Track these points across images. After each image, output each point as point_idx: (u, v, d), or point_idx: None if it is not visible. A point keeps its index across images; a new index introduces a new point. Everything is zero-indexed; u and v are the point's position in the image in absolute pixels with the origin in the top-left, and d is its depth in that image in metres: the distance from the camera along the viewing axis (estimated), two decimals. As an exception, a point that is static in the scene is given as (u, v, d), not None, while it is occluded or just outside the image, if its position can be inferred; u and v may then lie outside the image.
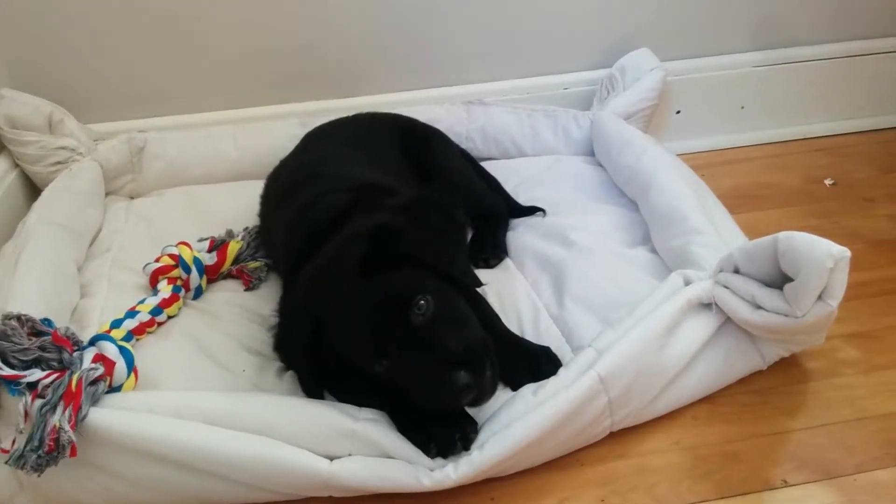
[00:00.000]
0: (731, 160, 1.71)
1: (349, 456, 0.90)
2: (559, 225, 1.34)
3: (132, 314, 1.14)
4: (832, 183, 1.59)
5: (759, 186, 1.60)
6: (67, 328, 0.98)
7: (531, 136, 1.61)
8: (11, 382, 0.88)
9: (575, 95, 1.69)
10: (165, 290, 1.20)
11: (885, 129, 1.79)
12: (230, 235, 1.31)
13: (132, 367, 0.99)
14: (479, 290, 1.15)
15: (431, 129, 1.46)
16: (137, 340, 1.12)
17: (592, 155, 1.58)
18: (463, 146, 1.55)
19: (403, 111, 1.50)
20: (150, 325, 1.15)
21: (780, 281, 0.98)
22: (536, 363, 1.04)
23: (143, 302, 1.17)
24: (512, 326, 1.13)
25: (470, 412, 0.95)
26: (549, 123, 1.62)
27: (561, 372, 0.98)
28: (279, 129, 1.55)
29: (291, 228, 1.13)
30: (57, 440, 0.85)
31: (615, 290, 1.17)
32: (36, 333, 0.94)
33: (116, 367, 0.97)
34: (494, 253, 1.30)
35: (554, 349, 1.07)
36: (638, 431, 1.02)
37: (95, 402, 0.91)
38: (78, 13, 1.49)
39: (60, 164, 1.47)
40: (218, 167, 1.55)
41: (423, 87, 1.66)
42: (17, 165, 1.48)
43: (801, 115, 1.76)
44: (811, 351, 1.12)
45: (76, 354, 0.94)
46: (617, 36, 1.65)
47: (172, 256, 1.22)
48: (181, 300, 1.21)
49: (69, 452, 0.85)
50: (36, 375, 0.90)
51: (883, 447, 0.99)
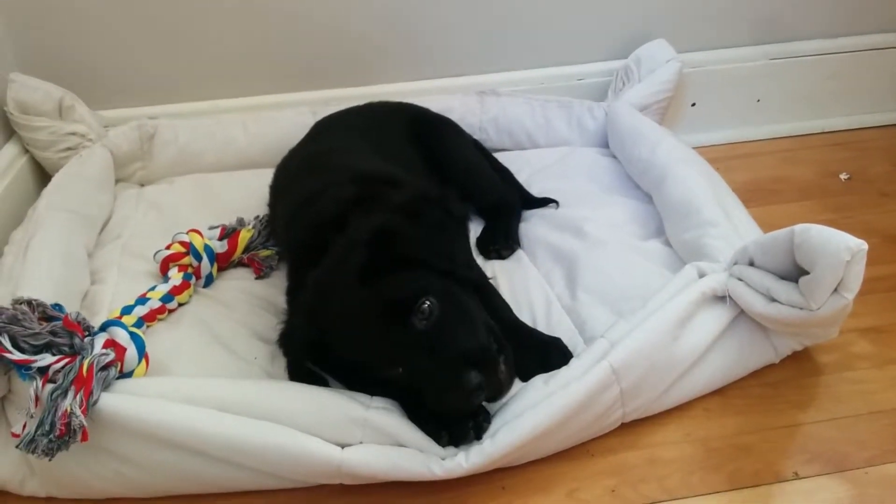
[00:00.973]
0: (746, 154, 1.70)
1: (360, 444, 0.90)
2: (572, 216, 1.34)
3: (143, 301, 1.14)
4: (847, 177, 1.58)
5: (774, 180, 1.59)
6: (78, 313, 0.98)
7: (545, 127, 1.60)
8: (22, 367, 0.88)
9: (590, 86, 1.68)
10: (176, 277, 1.20)
11: (902, 123, 1.77)
12: (241, 224, 1.31)
13: (143, 353, 0.99)
14: (490, 281, 1.15)
15: (443, 118, 1.45)
16: (148, 327, 1.13)
17: (606, 146, 1.57)
18: (476, 137, 1.55)
19: (416, 101, 1.49)
20: (160, 312, 1.15)
21: (795, 274, 0.97)
22: (547, 354, 1.03)
23: (153, 289, 1.17)
24: (524, 317, 1.13)
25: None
26: (562, 114, 1.61)
27: (573, 362, 0.98)
28: (290, 117, 1.55)
29: (294, 221, 1.12)
30: (68, 424, 0.85)
31: (628, 282, 1.16)
32: (47, 318, 0.94)
33: (127, 353, 0.97)
34: (507, 244, 1.29)
35: (566, 340, 1.07)
36: (649, 423, 1.02)
37: (106, 387, 0.91)
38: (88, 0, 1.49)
39: (70, 150, 1.47)
40: (228, 155, 1.54)
41: (436, 76, 1.65)
42: (27, 151, 1.48)
43: (817, 108, 1.75)
44: (824, 345, 1.11)
45: (87, 340, 0.94)
46: (633, 26, 1.64)
47: (183, 244, 1.22)
48: (192, 288, 1.21)
49: (80, 437, 0.85)
50: (47, 360, 0.90)
51: (894, 441, 0.98)
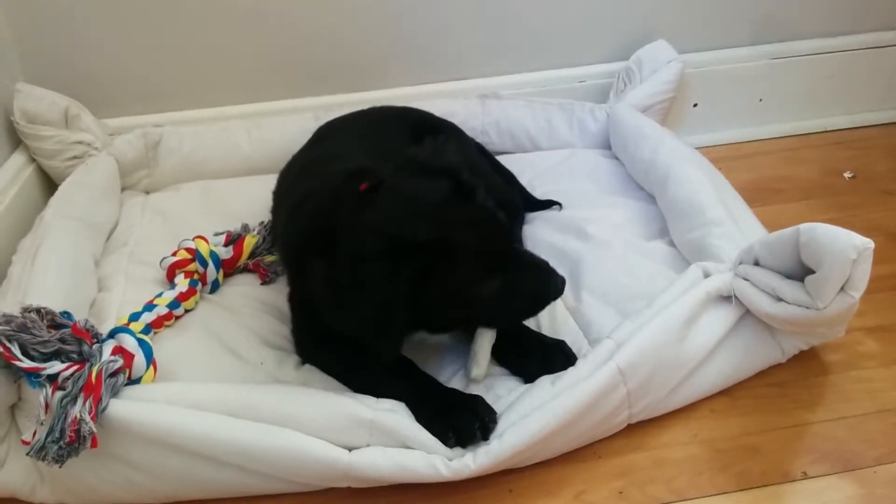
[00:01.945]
0: (749, 153, 1.70)
1: (368, 446, 0.90)
2: (575, 218, 1.34)
3: (150, 307, 1.15)
4: (851, 176, 1.58)
5: (777, 180, 1.59)
6: (87, 321, 0.98)
7: (546, 129, 1.60)
8: (32, 374, 0.89)
9: (591, 88, 1.68)
10: (182, 283, 1.20)
11: (905, 121, 1.77)
12: (246, 230, 1.32)
13: (151, 359, 1.00)
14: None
15: (445, 122, 1.46)
16: (155, 333, 1.13)
17: (608, 148, 1.58)
18: (478, 140, 1.55)
19: (418, 105, 1.50)
20: (167, 318, 1.15)
21: (801, 273, 0.97)
22: (551, 357, 1.04)
23: (160, 295, 1.17)
24: (529, 320, 1.13)
25: (489, 401, 0.95)
26: (564, 117, 1.61)
27: (580, 363, 0.98)
28: (293, 123, 1.56)
29: (292, 218, 1.12)
30: (78, 431, 0.85)
31: (632, 282, 1.16)
32: (55, 326, 0.95)
33: (135, 359, 0.97)
34: (511, 246, 1.30)
35: (571, 342, 1.07)
36: (656, 424, 1.02)
37: (115, 393, 0.91)
38: (93, 8, 1.50)
39: (76, 158, 1.48)
40: (233, 162, 1.55)
41: (438, 80, 1.65)
42: (33, 160, 1.49)
43: (820, 107, 1.75)
44: (831, 344, 1.12)
45: (95, 347, 0.95)
46: (634, 28, 1.64)
47: (189, 250, 1.23)
48: (198, 294, 1.22)
49: (90, 443, 0.86)
50: (56, 367, 0.90)
51: (904, 440, 0.98)
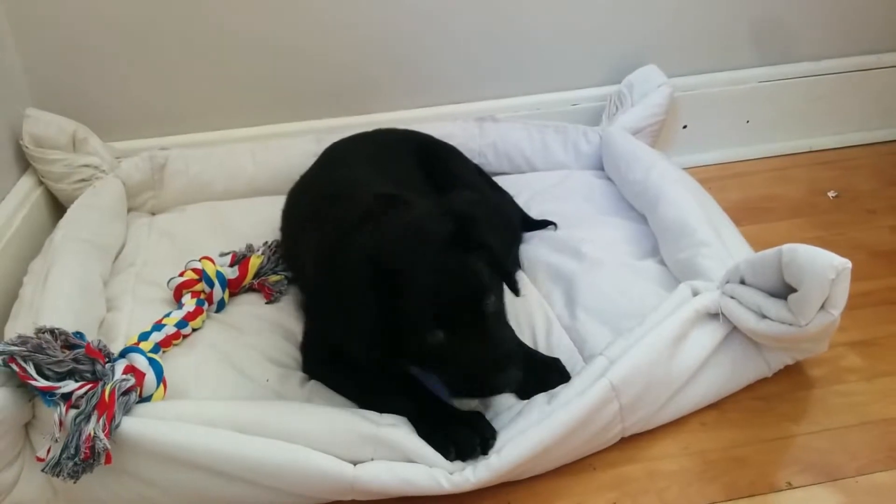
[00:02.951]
0: (737, 173, 1.75)
1: (372, 460, 0.93)
2: (570, 238, 1.38)
3: (159, 327, 1.17)
4: (835, 195, 1.63)
5: (764, 199, 1.63)
6: (99, 341, 1.02)
7: (542, 151, 1.65)
8: (46, 393, 0.92)
9: (584, 111, 1.73)
10: (190, 303, 1.23)
11: (888, 141, 1.83)
12: (250, 250, 1.35)
13: (161, 377, 1.02)
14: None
15: (447, 145, 1.50)
16: (164, 352, 1.16)
17: (601, 169, 1.62)
18: (476, 161, 1.59)
19: (417, 127, 1.54)
20: (175, 337, 1.18)
21: (784, 291, 1.02)
22: (546, 375, 1.07)
23: (168, 315, 1.20)
24: (525, 337, 1.17)
25: (487, 417, 0.98)
26: (559, 139, 1.66)
27: (575, 380, 1.02)
28: (296, 145, 1.60)
29: (323, 242, 1.14)
30: (92, 448, 0.88)
31: (625, 300, 1.20)
32: (69, 346, 0.97)
33: (146, 378, 1.00)
34: (509, 266, 1.34)
35: (566, 359, 1.11)
36: (648, 437, 1.05)
37: (128, 411, 0.94)
38: (101, 37, 1.54)
39: (84, 181, 1.51)
40: (237, 183, 1.59)
41: (436, 104, 1.70)
42: (41, 183, 1.53)
43: (805, 128, 1.80)
44: (815, 359, 1.15)
45: (108, 366, 0.98)
46: (625, 53, 1.69)
47: (196, 271, 1.26)
48: (205, 313, 1.25)
49: (104, 460, 0.89)
50: (70, 386, 0.93)
51: (884, 451, 1.02)
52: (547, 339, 1.18)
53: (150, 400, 1.01)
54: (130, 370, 0.99)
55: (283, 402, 1.05)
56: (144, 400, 1.00)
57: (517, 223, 1.41)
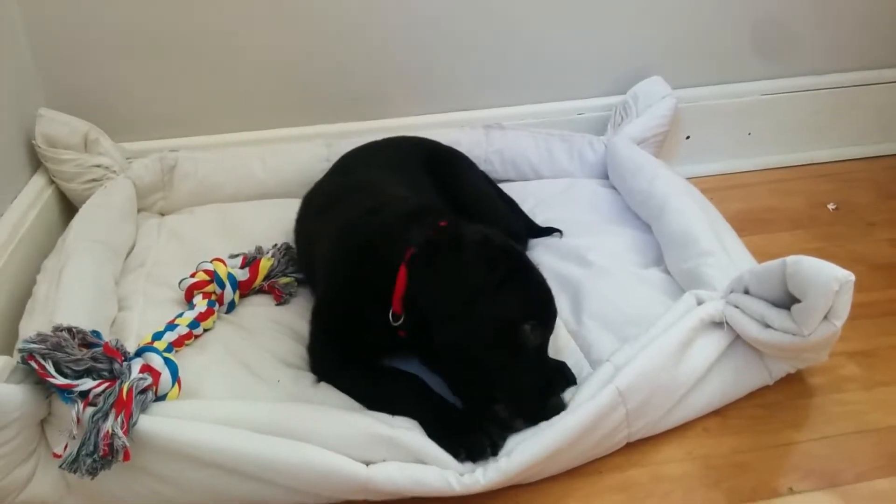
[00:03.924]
0: (738, 184, 1.77)
1: (384, 461, 0.95)
2: (576, 245, 1.40)
3: (172, 327, 1.19)
4: (835, 207, 1.65)
5: (765, 210, 1.66)
6: (116, 340, 1.03)
7: (547, 159, 1.67)
8: (64, 391, 0.93)
9: (589, 121, 1.75)
10: (201, 304, 1.25)
11: (888, 155, 1.85)
12: (260, 252, 1.37)
13: (176, 377, 1.04)
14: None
15: (456, 152, 1.52)
16: (177, 352, 1.17)
17: (606, 178, 1.65)
18: (482, 168, 1.60)
19: (425, 134, 1.56)
20: (188, 337, 1.20)
21: (787, 302, 1.04)
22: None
23: (181, 315, 1.22)
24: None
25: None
26: (564, 147, 1.68)
27: (582, 386, 1.04)
28: (305, 150, 1.61)
29: (349, 234, 1.16)
30: (111, 445, 0.89)
31: (631, 308, 1.22)
32: (86, 345, 0.98)
33: (162, 377, 1.01)
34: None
35: (573, 363, 1.13)
36: (653, 442, 1.07)
37: (144, 409, 0.95)
38: (113, 39, 1.56)
39: (95, 181, 1.52)
40: (246, 186, 1.60)
41: (443, 111, 1.72)
42: (53, 182, 1.54)
43: (806, 141, 1.83)
44: (815, 368, 1.18)
45: (125, 365, 0.99)
46: (630, 64, 1.72)
47: (207, 272, 1.28)
48: (216, 314, 1.26)
49: (122, 457, 0.90)
50: (88, 384, 0.94)
51: (883, 458, 1.05)
52: (553, 343, 1.19)
53: (165, 399, 1.02)
54: (147, 369, 1.00)
55: (298, 403, 1.06)
56: (160, 399, 1.01)
57: None
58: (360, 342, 1.12)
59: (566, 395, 1.04)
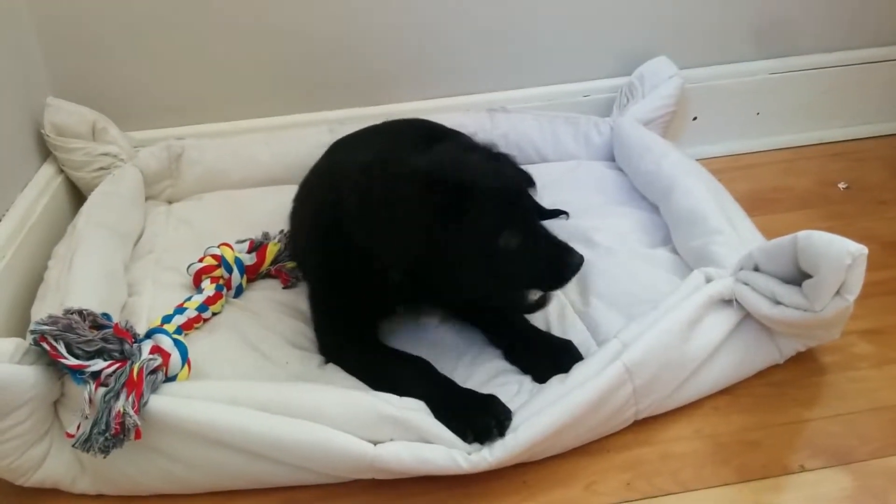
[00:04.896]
0: (746, 165, 1.76)
1: (391, 441, 0.95)
2: (582, 227, 1.39)
3: (181, 311, 1.20)
4: (845, 186, 1.64)
5: (774, 190, 1.64)
6: (127, 321, 1.04)
7: (553, 142, 1.66)
8: (76, 372, 0.94)
9: (595, 102, 1.74)
10: (209, 288, 1.26)
11: (899, 133, 1.83)
12: (266, 238, 1.37)
13: (186, 358, 1.04)
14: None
15: (456, 132, 1.50)
16: (186, 335, 1.18)
17: (612, 160, 1.64)
18: (487, 152, 1.60)
19: (429, 118, 1.55)
20: (196, 321, 1.21)
21: (798, 278, 1.03)
22: (559, 357, 1.09)
23: (190, 299, 1.23)
24: (538, 322, 1.19)
25: (503, 400, 1.00)
26: (570, 130, 1.67)
27: (589, 361, 1.03)
28: (310, 136, 1.61)
29: (308, 205, 1.20)
30: (122, 424, 0.91)
31: (638, 287, 1.22)
32: (97, 327, 0.99)
33: (171, 358, 1.02)
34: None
35: (580, 342, 1.13)
36: (661, 420, 1.07)
37: (155, 390, 0.96)
38: (120, 29, 1.57)
39: (103, 169, 1.54)
40: (253, 173, 1.61)
41: (448, 94, 1.72)
42: (61, 171, 1.55)
43: (815, 120, 1.81)
44: (827, 346, 1.17)
45: (135, 346, 1.00)
46: (635, 45, 1.71)
47: (215, 257, 1.29)
48: (224, 298, 1.27)
49: (134, 435, 0.91)
50: (99, 365, 0.95)
51: (895, 435, 1.04)
52: (560, 323, 1.20)
53: (174, 380, 1.03)
54: (157, 350, 1.01)
55: (305, 383, 1.07)
56: (170, 380, 1.02)
57: None
58: (363, 313, 1.13)
59: (574, 372, 1.03)
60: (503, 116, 1.67)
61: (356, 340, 1.14)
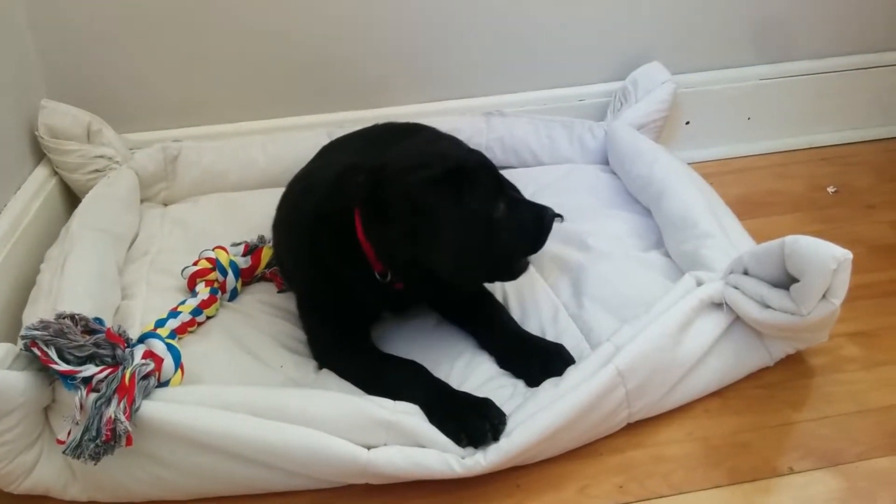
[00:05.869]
0: (738, 169, 1.77)
1: (385, 445, 0.95)
2: (576, 230, 1.40)
3: (175, 314, 1.20)
4: (834, 190, 1.65)
5: (766, 194, 1.66)
6: (119, 326, 1.03)
7: (548, 145, 1.67)
8: (67, 377, 0.93)
9: (590, 107, 1.75)
10: (204, 291, 1.26)
11: (887, 138, 1.85)
12: (262, 241, 1.37)
13: (179, 363, 1.04)
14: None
15: (451, 136, 1.50)
16: (180, 339, 1.18)
17: (606, 164, 1.65)
18: (483, 155, 1.61)
19: (426, 122, 1.54)
20: (190, 324, 1.21)
21: (786, 282, 1.04)
22: (550, 361, 1.10)
23: (184, 303, 1.23)
24: (532, 325, 1.20)
25: (497, 403, 1.01)
26: (564, 134, 1.68)
27: (581, 365, 1.04)
28: (307, 138, 1.61)
29: (293, 214, 1.23)
30: (113, 430, 0.90)
31: (631, 290, 1.23)
32: (89, 332, 0.99)
33: (164, 363, 1.02)
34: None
35: (573, 345, 1.14)
36: (653, 423, 1.08)
37: (147, 395, 0.96)
38: (115, 30, 1.57)
39: (98, 171, 1.53)
40: (249, 175, 1.61)
41: (444, 98, 1.72)
42: (56, 173, 1.55)
43: (806, 125, 1.82)
44: (815, 348, 1.18)
45: (128, 351, 0.99)
46: (630, 50, 1.72)
47: (210, 260, 1.28)
48: (218, 301, 1.27)
49: (125, 442, 0.90)
50: (91, 371, 0.94)
51: (883, 437, 1.05)
52: (554, 326, 1.21)
53: (167, 385, 1.03)
54: (149, 355, 1.01)
55: (299, 388, 1.07)
56: (162, 385, 1.02)
57: None
58: (350, 318, 1.14)
59: (567, 376, 1.04)
60: (499, 120, 1.68)
61: (348, 345, 1.14)
